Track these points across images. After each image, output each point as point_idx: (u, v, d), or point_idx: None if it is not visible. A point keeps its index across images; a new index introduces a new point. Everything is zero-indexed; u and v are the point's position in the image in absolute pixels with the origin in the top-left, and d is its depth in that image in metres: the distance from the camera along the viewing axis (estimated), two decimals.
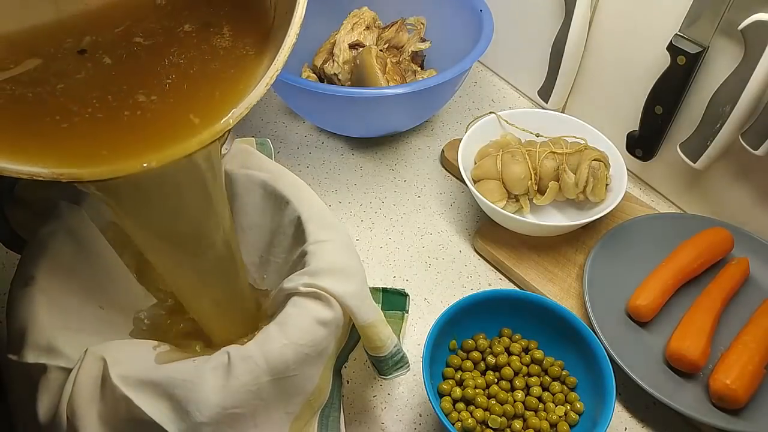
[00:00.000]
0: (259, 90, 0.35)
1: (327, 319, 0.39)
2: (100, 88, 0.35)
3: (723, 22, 0.58)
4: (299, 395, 0.39)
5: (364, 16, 0.81)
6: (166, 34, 0.39)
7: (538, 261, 0.65)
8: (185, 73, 0.37)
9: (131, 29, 0.38)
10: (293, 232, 0.45)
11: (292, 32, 0.36)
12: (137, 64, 0.37)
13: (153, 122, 0.34)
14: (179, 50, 0.38)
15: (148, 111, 0.34)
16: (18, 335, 0.37)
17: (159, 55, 0.37)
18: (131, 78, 0.36)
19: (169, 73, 0.37)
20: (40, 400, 0.35)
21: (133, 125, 0.33)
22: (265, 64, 0.38)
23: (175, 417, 0.34)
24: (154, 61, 0.37)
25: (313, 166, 0.77)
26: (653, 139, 0.69)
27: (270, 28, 0.41)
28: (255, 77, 0.37)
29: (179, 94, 0.35)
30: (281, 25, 0.39)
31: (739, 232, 0.64)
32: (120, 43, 0.37)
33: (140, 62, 0.37)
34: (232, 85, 0.37)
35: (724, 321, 0.58)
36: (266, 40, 0.40)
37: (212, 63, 0.38)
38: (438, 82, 0.67)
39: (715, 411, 0.52)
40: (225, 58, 0.38)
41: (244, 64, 0.38)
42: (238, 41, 0.40)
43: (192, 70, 0.37)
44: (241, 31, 0.40)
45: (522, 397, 0.51)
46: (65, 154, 0.32)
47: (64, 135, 0.32)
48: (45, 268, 0.40)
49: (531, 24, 0.82)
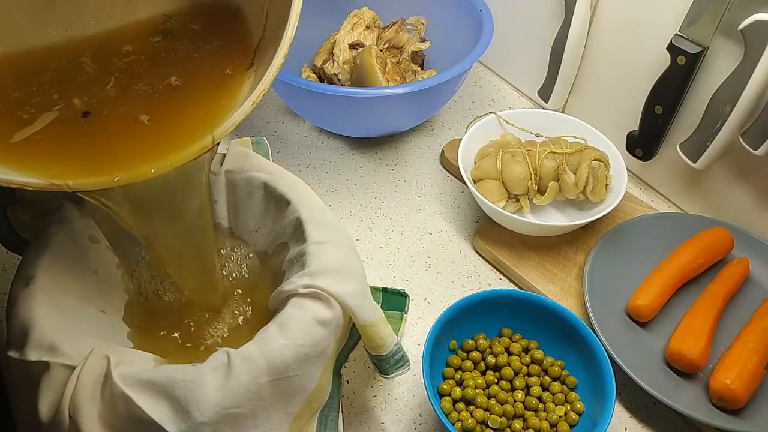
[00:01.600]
0: (245, 108, 0.38)
1: (327, 319, 0.39)
2: (98, 106, 0.39)
3: (723, 22, 0.58)
4: (299, 395, 0.39)
5: (364, 16, 0.81)
6: (159, 57, 0.43)
7: (538, 261, 0.65)
8: (175, 95, 0.41)
9: (128, 53, 0.43)
10: (293, 232, 0.45)
11: (281, 53, 0.38)
12: (131, 86, 0.41)
13: (150, 137, 0.38)
14: (170, 72, 0.42)
15: (145, 129, 0.38)
16: (19, 334, 0.37)
17: (152, 76, 0.41)
18: (129, 99, 0.40)
19: (161, 97, 0.40)
20: (41, 397, 0.35)
21: (130, 141, 0.38)
22: (251, 82, 0.40)
23: (175, 417, 0.34)
24: (149, 83, 0.41)
25: (313, 166, 0.77)
26: (653, 139, 0.69)
27: (256, 47, 0.42)
28: (240, 95, 0.40)
29: (171, 114, 0.39)
30: (271, 42, 0.40)
31: (739, 232, 0.64)
32: (119, 66, 0.42)
33: (136, 84, 0.41)
34: (218, 104, 0.40)
35: (724, 321, 0.58)
36: (252, 57, 0.42)
37: (200, 82, 0.41)
38: (438, 82, 0.67)
39: (715, 411, 0.52)
40: (212, 77, 0.42)
41: (230, 83, 0.41)
42: (224, 60, 0.43)
43: (181, 92, 0.41)
44: (229, 50, 0.43)
45: (522, 397, 0.51)
46: (74, 166, 0.36)
47: (72, 151, 0.37)
48: (46, 268, 0.40)
49: (531, 24, 0.82)
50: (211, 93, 0.41)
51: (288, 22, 0.38)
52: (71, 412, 0.34)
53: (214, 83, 0.41)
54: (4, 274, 0.64)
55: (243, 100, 0.38)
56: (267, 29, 0.42)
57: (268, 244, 0.50)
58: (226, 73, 0.42)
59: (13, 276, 0.40)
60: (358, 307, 0.40)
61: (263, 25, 0.42)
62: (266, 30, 0.42)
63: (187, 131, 0.38)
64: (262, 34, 0.42)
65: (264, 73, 0.38)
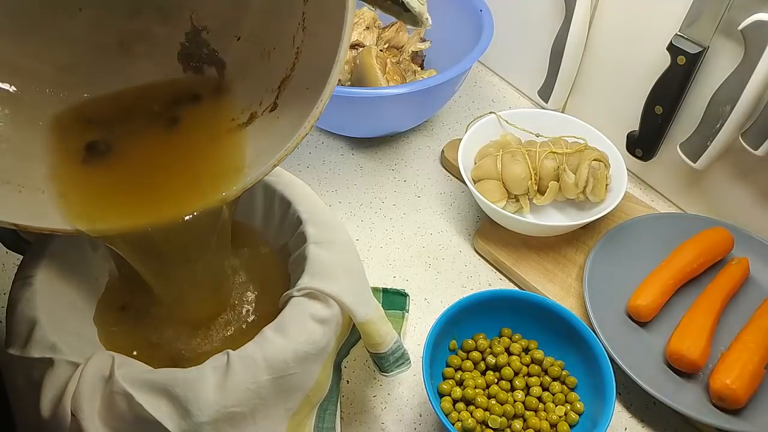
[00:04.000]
0: (282, 154, 0.38)
1: (325, 317, 0.39)
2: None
3: (723, 22, 0.58)
4: (298, 392, 0.39)
5: (364, 16, 0.81)
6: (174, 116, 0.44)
7: (538, 261, 0.65)
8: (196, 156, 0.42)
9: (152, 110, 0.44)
10: (294, 233, 0.45)
11: (326, 94, 0.36)
12: (153, 148, 0.42)
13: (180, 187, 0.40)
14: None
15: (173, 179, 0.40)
16: (21, 331, 0.37)
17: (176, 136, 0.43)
18: (153, 160, 0.42)
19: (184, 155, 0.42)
20: (43, 394, 0.35)
21: (159, 192, 0.40)
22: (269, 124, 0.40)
23: (176, 415, 0.34)
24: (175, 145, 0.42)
25: (313, 166, 0.77)
26: (653, 139, 0.69)
27: (279, 86, 0.41)
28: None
29: (193, 170, 0.41)
30: (304, 82, 0.38)
31: (739, 232, 0.64)
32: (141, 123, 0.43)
33: (159, 147, 0.42)
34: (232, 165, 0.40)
35: (724, 321, 0.58)
36: (276, 97, 0.41)
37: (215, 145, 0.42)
38: (438, 82, 0.67)
39: (715, 411, 0.52)
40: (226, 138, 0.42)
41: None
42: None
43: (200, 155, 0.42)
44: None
45: (522, 397, 0.51)
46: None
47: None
48: (47, 269, 0.40)
49: (531, 24, 0.82)
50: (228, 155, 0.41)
51: (336, 60, 0.35)
52: (73, 409, 0.34)
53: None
54: (5, 274, 0.64)
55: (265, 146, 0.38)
56: (297, 68, 0.39)
57: (272, 246, 0.50)
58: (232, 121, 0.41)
59: (13, 276, 0.40)
60: (354, 305, 0.41)
61: (292, 62, 0.40)
62: (295, 69, 0.39)
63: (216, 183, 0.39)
64: (290, 73, 0.40)
65: (300, 113, 0.36)
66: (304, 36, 0.39)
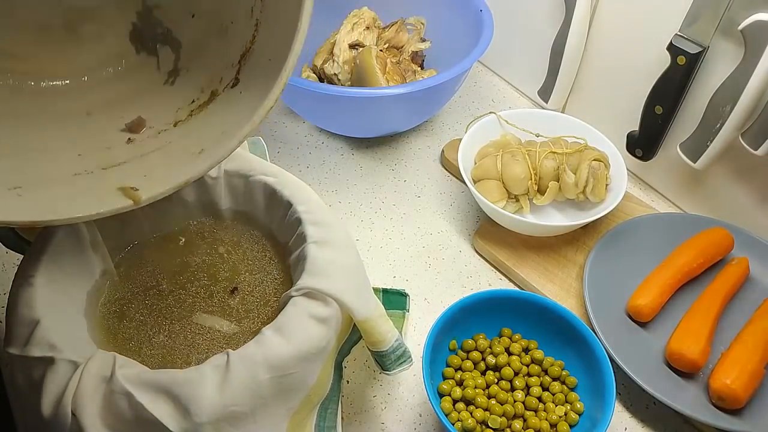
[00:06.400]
0: (245, 131, 0.36)
1: (324, 316, 0.39)
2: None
3: (723, 22, 0.58)
4: (299, 391, 0.39)
5: (364, 16, 0.81)
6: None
7: (538, 261, 0.65)
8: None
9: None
10: (294, 233, 0.45)
11: (288, 65, 0.35)
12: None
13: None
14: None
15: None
16: (21, 331, 0.37)
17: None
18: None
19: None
20: (44, 393, 0.35)
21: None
22: (229, 100, 0.39)
23: (176, 415, 0.34)
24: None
25: (313, 166, 0.77)
26: (653, 139, 0.69)
27: (239, 61, 0.39)
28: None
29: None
30: (266, 54, 0.37)
31: (739, 232, 0.64)
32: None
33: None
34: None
35: (724, 321, 0.58)
36: (237, 72, 0.39)
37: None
38: (438, 82, 0.67)
39: (715, 411, 0.52)
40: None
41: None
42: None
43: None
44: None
45: (522, 397, 0.51)
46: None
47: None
48: (47, 269, 0.40)
49: (531, 24, 0.82)
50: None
51: (297, 29, 0.33)
52: (73, 408, 0.34)
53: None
54: (5, 274, 0.64)
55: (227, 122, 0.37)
56: (257, 40, 0.38)
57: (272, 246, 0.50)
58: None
59: (13, 276, 0.40)
60: (354, 304, 0.41)
61: (252, 35, 0.38)
62: (256, 42, 0.38)
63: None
64: (250, 46, 0.38)
65: (264, 85, 0.35)
66: (263, 5, 0.37)
